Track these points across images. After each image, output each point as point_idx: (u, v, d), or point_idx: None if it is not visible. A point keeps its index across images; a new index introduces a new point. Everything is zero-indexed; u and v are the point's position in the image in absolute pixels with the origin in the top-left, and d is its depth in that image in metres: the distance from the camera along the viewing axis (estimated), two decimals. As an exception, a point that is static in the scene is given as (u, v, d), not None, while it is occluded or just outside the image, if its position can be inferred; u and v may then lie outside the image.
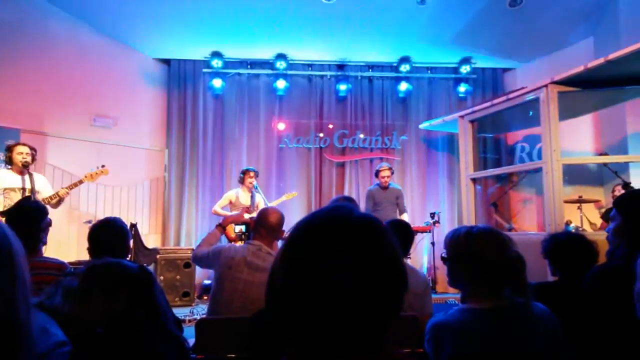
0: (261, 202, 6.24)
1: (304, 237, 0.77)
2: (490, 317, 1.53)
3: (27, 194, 4.45)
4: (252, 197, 6.18)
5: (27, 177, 4.44)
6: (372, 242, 0.75)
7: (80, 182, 4.76)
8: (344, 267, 0.71)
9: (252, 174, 6.19)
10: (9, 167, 4.56)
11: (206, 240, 3.04)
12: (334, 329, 0.71)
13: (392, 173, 6.48)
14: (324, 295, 0.70)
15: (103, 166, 4.94)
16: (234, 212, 5.89)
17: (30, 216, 2.64)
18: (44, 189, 4.63)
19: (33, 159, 4.57)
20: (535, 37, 6.92)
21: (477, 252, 1.58)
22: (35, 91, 6.09)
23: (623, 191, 5.55)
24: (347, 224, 0.76)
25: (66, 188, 4.63)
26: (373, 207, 6.32)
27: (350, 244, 0.73)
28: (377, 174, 6.44)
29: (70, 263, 4.88)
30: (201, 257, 2.90)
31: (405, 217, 6.37)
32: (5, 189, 4.41)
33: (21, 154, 4.47)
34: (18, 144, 4.61)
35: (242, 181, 6.25)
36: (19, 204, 3.23)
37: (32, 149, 4.58)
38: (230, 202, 6.27)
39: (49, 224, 2.82)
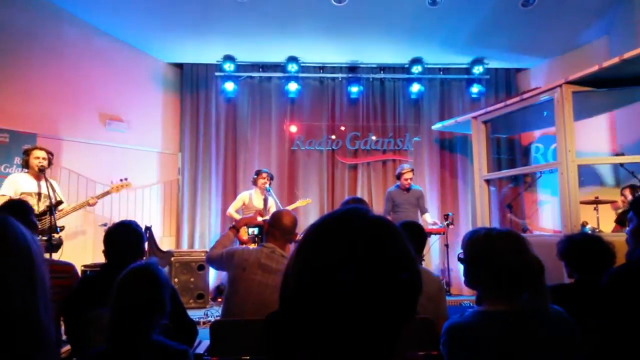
0: (273, 206, 6.25)
1: (317, 238, 0.77)
2: (506, 320, 1.51)
3: (42, 199, 4.51)
4: (265, 200, 6.19)
5: (43, 182, 4.48)
6: (384, 245, 0.74)
7: (108, 192, 5.25)
8: (355, 269, 0.70)
9: (264, 175, 6.20)
10: (26, 171, 4.63)
11: (220, 242, 3.05)
12: (345, 333, 0.70)
13: (413, 174, 6.48)
14: (334, 298, 0.70)
15: (126, 179, 5.38)
16: (248, 214, 5.91)
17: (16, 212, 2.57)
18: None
19: (50, 163, 4.63)
20: (548, 37, 6.85)
21: (496, 255, 1.57)
22: (51, 96, 6.18)
23: (629, 194, 5.48)
24: (360, 226, 0.76)
25: (96, 197, 5.11)
26: (393, 208, 6.31)
27: (362, 247, 0.72)
28: (399, 176, 6.39)
29: (86, 266, 4.98)
30: (215, 258, 2.92)
31: (427, 217, 6.40)
32: (22, 193, 4.47)
33: (37, 158, 4.52)
34: (35, 148, 4.67)
35: (255, 182, 6.28)
36: (6, 202, 3.24)
37: (49, 153, 4.63)
38: (244, 204, 6.30)
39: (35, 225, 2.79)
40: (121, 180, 5.34)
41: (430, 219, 6.46)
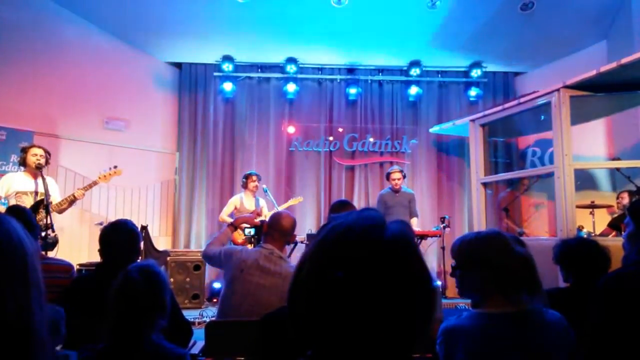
0: (265, 207, 6.25)
1: (335, 242, 0.75)
2: (502, 322, 1.52)
3: (39, 197, 4.47)
4: (256, 202, 6.20)
5: (39, 180, 4.45)
6: (402, 259, 0.73)
7: (95, 183, 4.80)
8: (371, 278, 0.70)
9: (254, 177, 6.20)
10: (23, 169, 4.61)
11: (218, 239, 3.05)
12: (357, 336, 0.70)
13: (404, 177, 6.47)
14: (350, 301, 0.69)
15: (116, 167, 5.00)
16: (246, 214, 5.89)
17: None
18: (54, 193, 4.66)
19: (47, 162, 4.61)
20: (546, 41, 6.87)
21: (485, 254, 1.58)
22: (49, 94, 6.16)
23: (627, 198, 5.50)
24: (380, 236, 0.75)
25: (82, 189, 4.68)
26: (385, 210, 6.30)
27: (381, 258, 0.72)
28: (388, 177, 6.44)
29: (82, 265, 4.96)
30: (212, 255, 2.91)
31: (414, 222, 6.38)
32: (17, 193, 4.44)
33: (35, 155, 4.50)
34: (33, 146, 4.65)
35: (245, 186, 6.26)
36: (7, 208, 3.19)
37: (46, 151, 4.61)
38: (236, 208, 6.26)
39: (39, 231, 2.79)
40: (110, 168, 4.97)
41: (416, 224, 6.47)
